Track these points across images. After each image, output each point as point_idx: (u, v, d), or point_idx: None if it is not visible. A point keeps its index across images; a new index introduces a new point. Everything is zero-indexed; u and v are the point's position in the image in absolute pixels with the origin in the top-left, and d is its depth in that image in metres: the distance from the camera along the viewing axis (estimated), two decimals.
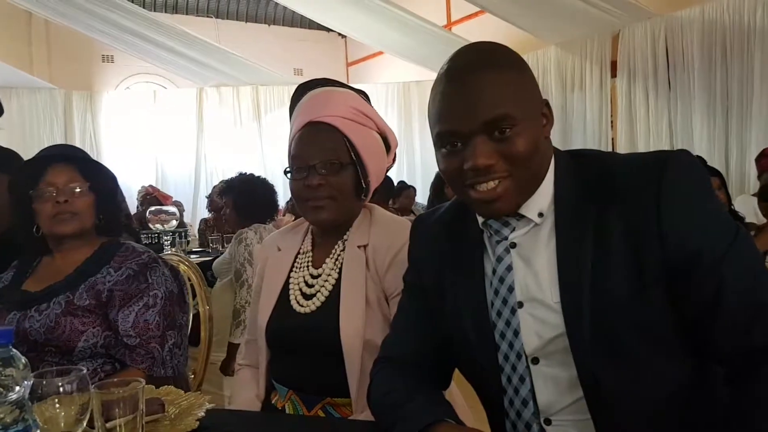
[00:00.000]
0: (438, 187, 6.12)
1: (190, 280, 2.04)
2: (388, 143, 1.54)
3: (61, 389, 0.88)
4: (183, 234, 5.09)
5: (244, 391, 1.52)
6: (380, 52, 9.67)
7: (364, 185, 1.45)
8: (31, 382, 0.88)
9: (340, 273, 1.42)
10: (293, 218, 4.84)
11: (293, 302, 1.45)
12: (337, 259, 1.45)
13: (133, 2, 6.91)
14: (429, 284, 1.15)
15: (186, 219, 7.22)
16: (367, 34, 7.78)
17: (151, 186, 6.50)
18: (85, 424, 0.90)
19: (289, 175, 1.45)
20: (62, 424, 0.89)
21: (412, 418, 0.96)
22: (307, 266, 1.49)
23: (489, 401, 1.10)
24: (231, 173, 8.73)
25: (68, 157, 1.66)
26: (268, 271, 1.56)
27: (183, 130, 9.24)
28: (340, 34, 10.55)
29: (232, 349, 3.02)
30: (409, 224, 1.51)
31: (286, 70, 9.78)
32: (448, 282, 1.11)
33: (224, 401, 2.66)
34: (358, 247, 1.43)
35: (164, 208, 4.97)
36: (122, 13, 6.68)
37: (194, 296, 2.04)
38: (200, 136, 9.38)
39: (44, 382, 0.87)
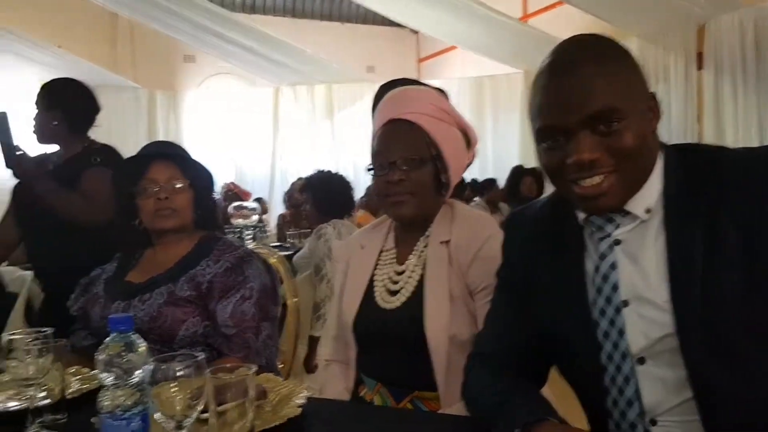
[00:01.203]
0: (513, 183, 6.04)
1: (278, 272, 2.10)
2: (468, 139, 1.55)
3: (179, 374, 0.92)
4: (262, 229, 5.24)
5: (334, 384, 1.56)
6: (452, 47, 9.60)
7: (444, 181, 1.46)
8: (151, 366, 0.94)
9: (423, 269, 1.44)
10: (366, 214, 4.89)
11: (378, 299, 1.48)
12: (420, 255, 1.47)
13: (213, 2, 7.14)
14: (524, 280, 1.14)
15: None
16: (440, 29, 7.74)
17: (232, 183, 6.72)
18: (200, 407, 0.94)
19: (371, 172, 1.48)
20: (178, 408, 0.93)
21: (513, 416, 0.95)
22: (392, 263, 1.52)
23: (590, 401, 1.08)
24: (305, 171, 8.89)
25: (169, 155, 1.74)
26: (352, 268, 1.59)
27: (259, 128, 9.48)
28: (412, 30, 10.54)
29: (313, 342, 3.10)
30: (491, 219, 1.51)
31: (358, 68, 9.87)
32: (545, 279, 1.10)
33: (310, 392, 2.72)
34: (441, 243, 1.44)
35: (245, 204, 5.13)
36: (204, 14, 6.91)
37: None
38: (276, 134, 9.61)
39: (163, 367, 0.92)
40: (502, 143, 8.49)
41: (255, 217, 4.84)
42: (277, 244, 5.31)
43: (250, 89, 9.85)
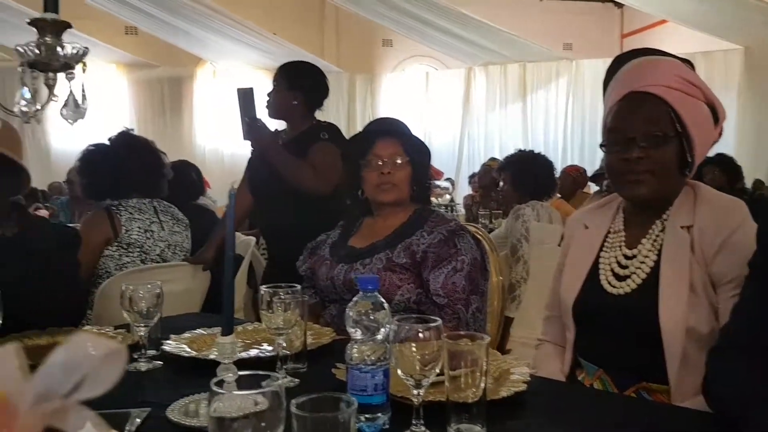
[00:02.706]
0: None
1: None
2: (716, 115, 1.41)
3: (420, 335, 0.97)
4: (453, 208, 5.31)
5: (548, 365, 1.52)
6: (661, 21, 8.88)
7: (690, 159, 1.35)
8: (394, 326, 0.99)
9: (658, 255, 1.35)
10: (560, 199, 4.72)
11: (604, 282, 1.41)
12: (655, 240, 1.37)
13: None
14: None
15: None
16: (650, 1, 7.18)
17: None
18: (437, 370, 0.97)
19: (604, 148, 1.41)
20: (417, 367, 0.98)
21: None
22: (620, 246, 1.43)
23: None
24: (492, 152, 8.79)
25: (394, 132, 1.82)
26: (574, 248, 1.54)
27: (450, 109, 9.57)
28: (616, 3, 9.91)
29: (507, 322, 3.08)
30: (741, 204, 1.36)
31: (555, 46, 9.52)
32: None
33: None
34: (681, 227, 1.33)
35: (438, 182, 5.21)
36: None
37: None
38: (466, 115, 9.64)
39: (407, 328, 0.97)
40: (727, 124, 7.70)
41: (447, 197, 4.91)
42: (467, 224, 5.34)
43: (443, 71, 9.96)
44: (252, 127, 2.37)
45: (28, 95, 0.87)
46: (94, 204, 2.67)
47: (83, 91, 0.87)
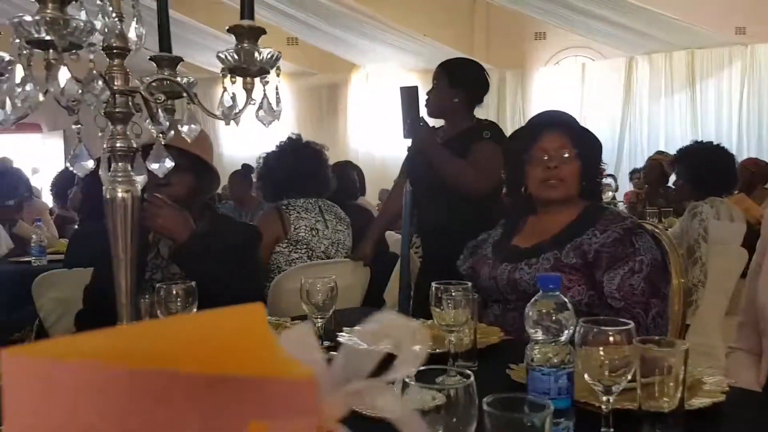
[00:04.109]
0: None
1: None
2: None
3: (611, 339, 0.91)
4: (614, 206, 5.01)
5: (742, 374, 1.39)
6: None
7: None
8: (580, 327, 0.94)
9: None
10: (741, 195, 4.28)
11: None
12: None
13: None
14: None
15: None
16: None
17: None
18: (629, 376, 0.91)
19: None
20: (605, 373, 0.92)
21: None
22: None
23: None
24: (656, 145, 8.18)
25: (560, 123, 1.74)
26: None
27: (609, 101, 9.09)
28: None
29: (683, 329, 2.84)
30: None
31: (726, 30, 8.67)
32: None
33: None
34: None
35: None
36: None
37: None
38: (626, 107, 9.09)
39: (595, 330, 0.91)
40: None
41: (610, 194, 4.65)
42: None
43: (600, 62, 9.48)
44: (414, 126, 2.39)
45: (229, 100, 0.93)
46: (262, 206, 2.87)
47: (277, 94, 0.91)
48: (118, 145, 0.92)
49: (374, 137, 9.57)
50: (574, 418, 0.95)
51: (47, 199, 5.82)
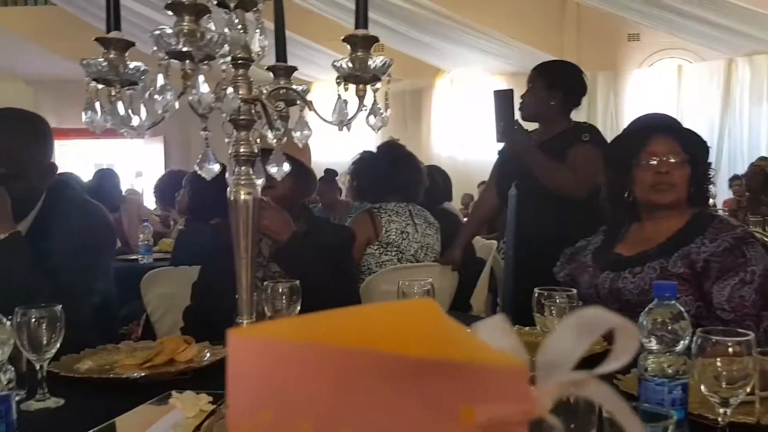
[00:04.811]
0: None
1: None
2: None
3: (730, 350, 0.88)
4: None
5: None
6: None
7: None
8: (698, 338, 0.91)
9: None
10: None
11: None
12: None
13: None
14: None
15: None
16: None
17: None
18: (748, 389, 0.88)
19: None
20: (723, 384, 0.89)
21: None
22: None
23: None
24: (758, 151, 7.73)
25: (669, 127, 1.70)
26: None
27: (706, 105, 8.66)
28: None
29: None
30: None
31: None
32: None
33: None
34: None
35: None
36: None
37: None
38: (725, 111, 8.64)
39: (713, 340, 0.89)
40: None
41: (710, 201, 4.43)
42: None
43: (698, 64, 9.05)
44: (509, 129, 2.38)
45: (344, 107, 0.97)
46: (350, 209, 2.93)
47: (386, 99, 0.94)
48: (241, 150, 0.97)
49: (457, 142, 9.54)
50: (687, 430, 0.92)
51: (149, 200, 6.15)
